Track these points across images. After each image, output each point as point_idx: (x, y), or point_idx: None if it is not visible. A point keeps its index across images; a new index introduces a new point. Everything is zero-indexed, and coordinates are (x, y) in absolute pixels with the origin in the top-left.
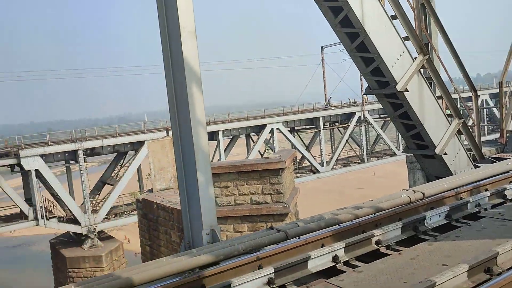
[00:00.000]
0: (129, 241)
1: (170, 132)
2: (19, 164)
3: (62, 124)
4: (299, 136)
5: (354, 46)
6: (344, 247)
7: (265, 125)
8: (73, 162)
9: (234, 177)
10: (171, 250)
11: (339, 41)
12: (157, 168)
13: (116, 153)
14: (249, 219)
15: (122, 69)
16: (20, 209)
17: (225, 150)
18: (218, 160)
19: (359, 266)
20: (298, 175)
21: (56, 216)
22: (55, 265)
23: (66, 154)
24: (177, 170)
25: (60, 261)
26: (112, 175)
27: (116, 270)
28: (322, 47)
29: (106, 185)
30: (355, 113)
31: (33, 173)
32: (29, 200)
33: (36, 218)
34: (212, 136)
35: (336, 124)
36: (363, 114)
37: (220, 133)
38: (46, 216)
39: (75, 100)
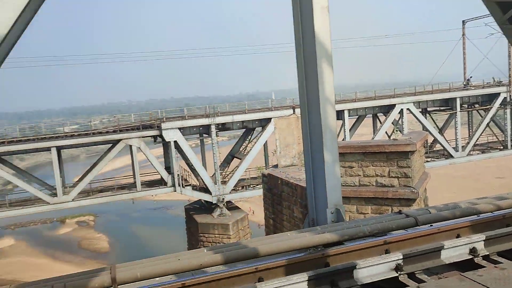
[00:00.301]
0: (253, 213)
1: (296, 110)
2: (160, 136)
3: (198, 100)
4: (431, 118)
5: (506, 18)
6: (484, 240)
7: (394, 105)
8: (206, 135)
9: (360, 157)
10: (293, 225)
11: (488, 13)
12: (283, 145)
13: (244, 129)
14: (373, 202)
15: (253, 48)
16: (161, 176)
17: (350, 130)
18: (343, 140)
19: (501, 263)
20: (429, 159)
21: (190, 185)
22: (188, 229)
23: (201, 128)
24: (304, 148)
25: (193, 226)
26: (241, 149)
27: (241, 239)
28: (463, 21)
29: (235, 158)
30: (499, 94)
31: (172, 144)
32: (168, 169)
33: (173, 185)
34: (338, 115)
35: (476, 105)
36: (510, 95)
37: (346, 112)
38: (182, 184)
39: (209, 77)
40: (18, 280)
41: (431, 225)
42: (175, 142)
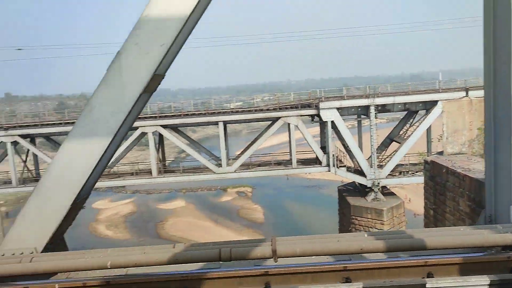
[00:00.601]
0: (409, 200)
1: (470, 93)
2: (318, 115)
3: (357, 80)
4: None
5: None
6: None
7: None
8: (364, 117)
9: None
10: (458, 219)
11: None
12: (451, 131)
13: (406, 111)
14: None
15: (415, 25)
16: (316, 155)
17: None
18: None
19: None
20: None
21: (345, 166)
22: (340, 210)
23: (359, 109)
24: (485, 135)
25: (345, 207)
26: (400, 133)
27: (395, 227)
28: None
29: (393, 142)
30: None
31: (329, 124)
32: (323, 148)
33: (328, 165)
34: None
35: None
36: None
37: None
38: (336, 164)
39: (368, 57)
40: (186, 238)
41: None
42: (332, 122)
